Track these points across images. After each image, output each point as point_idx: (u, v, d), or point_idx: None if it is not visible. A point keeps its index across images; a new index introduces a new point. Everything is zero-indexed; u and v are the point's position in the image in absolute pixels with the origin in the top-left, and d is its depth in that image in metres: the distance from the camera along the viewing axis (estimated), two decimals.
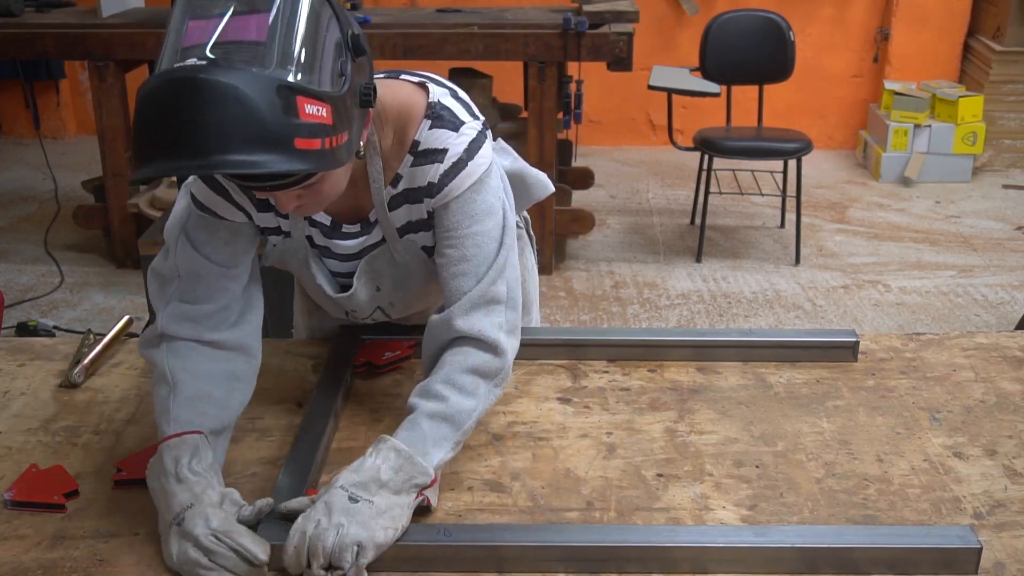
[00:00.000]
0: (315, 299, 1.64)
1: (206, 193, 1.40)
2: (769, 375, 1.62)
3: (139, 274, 3.18)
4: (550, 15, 4.26)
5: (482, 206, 1.40)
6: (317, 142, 1.14)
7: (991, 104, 5.52)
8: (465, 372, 1.35)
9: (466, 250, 1.39)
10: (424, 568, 1.20)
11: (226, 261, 1.43)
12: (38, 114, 6.03)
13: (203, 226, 1.42)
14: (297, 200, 1.26)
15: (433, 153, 1.38)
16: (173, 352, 1.39)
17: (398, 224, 1.45)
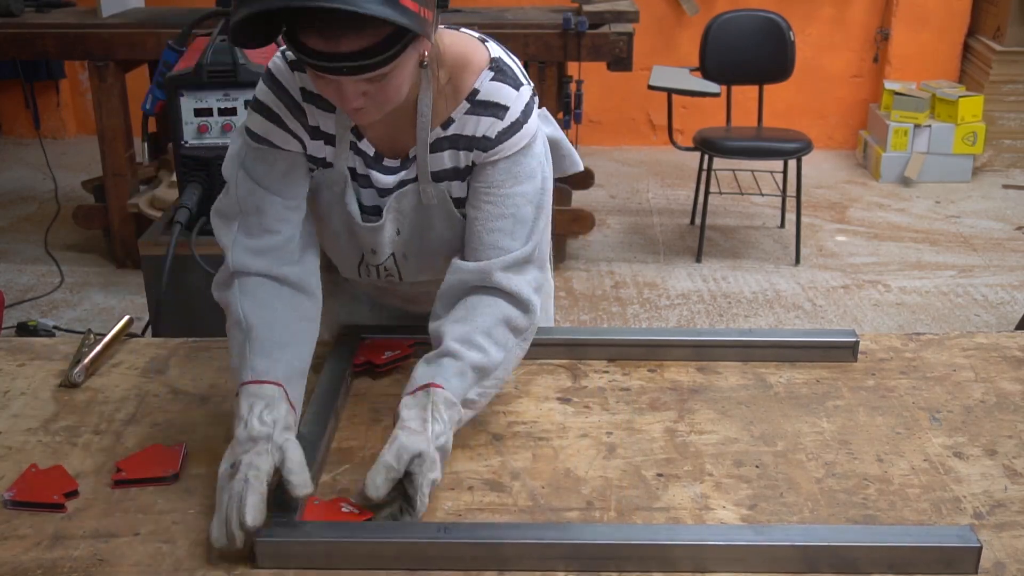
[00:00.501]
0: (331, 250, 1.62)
1: (262, 124, 1.45)
2: (769, 375, 1.62)
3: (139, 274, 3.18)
4: (550, 15, 4.26)
5: (527, 168, 1.44)
6: (415, 5, 1.20)
7: (991, 104, 5.52)
8: (499, 325, 1.41)
9: (506, 208, 1.43)
10: (424, 566, 1.20)
11: (285, 192, 1.47)
12: (38, 114, 6.03)
13: (261, 158, 1.46)
14: (362, 99, 1.30)
15: (493, 107, 1.42)
16: (245, 292, 1.44)
17: (436, 168, 1.46)
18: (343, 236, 1.56)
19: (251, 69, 2.31)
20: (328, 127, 1.46)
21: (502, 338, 1.41)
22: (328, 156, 1.48)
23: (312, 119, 1.45)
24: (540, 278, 1.47)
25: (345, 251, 1.60)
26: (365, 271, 1.61)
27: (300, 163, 1.48)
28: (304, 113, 1.45)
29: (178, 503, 1.31)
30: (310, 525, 1.22)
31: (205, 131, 2.33)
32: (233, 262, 1.46)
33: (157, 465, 1.37)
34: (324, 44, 1.21)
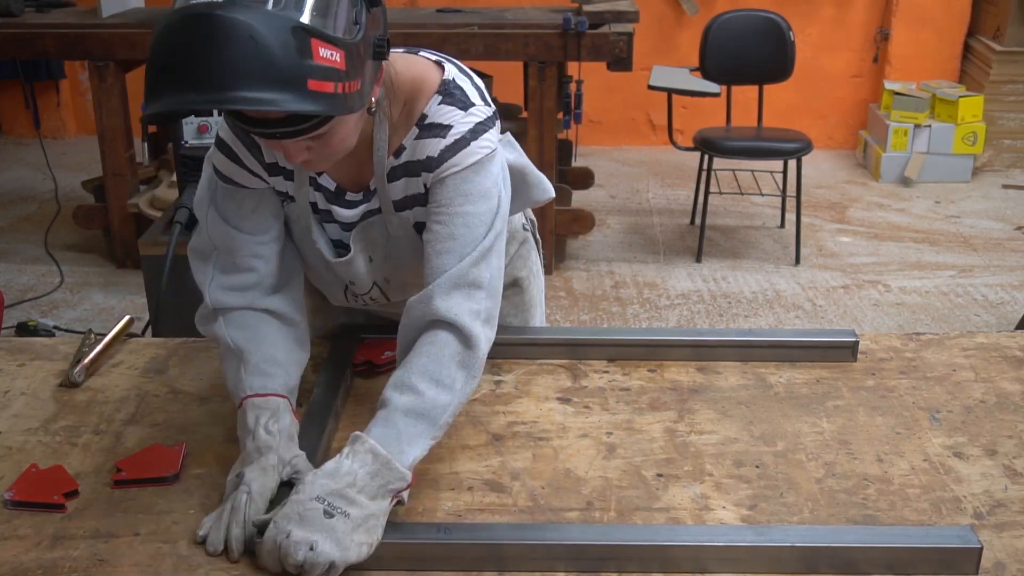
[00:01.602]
0: (316, 280, 1.62)
1: (225, 163, 1.44)
2: (769, 375, 1.62)
3: (139, 274, 3.18)
4: (550, 15, 4.26)
5: (478, 187, 1.38)
6: (330, 85, 1.15)
7: (991, 104, 5.52)
8: (441, 363, 1.32)
9: (455, 228, 1.37)
10: (424, 567, 1.20)
11: (256, 229, 1.46)
12: (38, 114, 6.03)
13: (229, 197, 1.46)
14: (307, 152, 1.27)
15: (438, 128, 1.38)
16: (231, 323, 1.45)
17: (395, 197, 1.44)
18: (321, 268, 1.56)
19: None
20: (286, 162, 1.43)
21: (445, 378, 1.31)
22: (290, 190, 1.47)
23: (268, 156, 1.43)
24: (491, 308, 1.38)
25: (327, 282, 1.60)
26: (353, 299, 1.61)
27: (268, 198, 1.47)
28: (259, 150, 1.43)
29: (178, 503, 1.31)
30: None
31: (205, 131, 2.33)
32: (212, 300, 1.46)
33: (157, 465, 1.37)
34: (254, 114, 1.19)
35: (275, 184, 1.47)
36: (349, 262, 1.50)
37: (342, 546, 1.16)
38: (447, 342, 1.33)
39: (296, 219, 1.50)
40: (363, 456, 1.22)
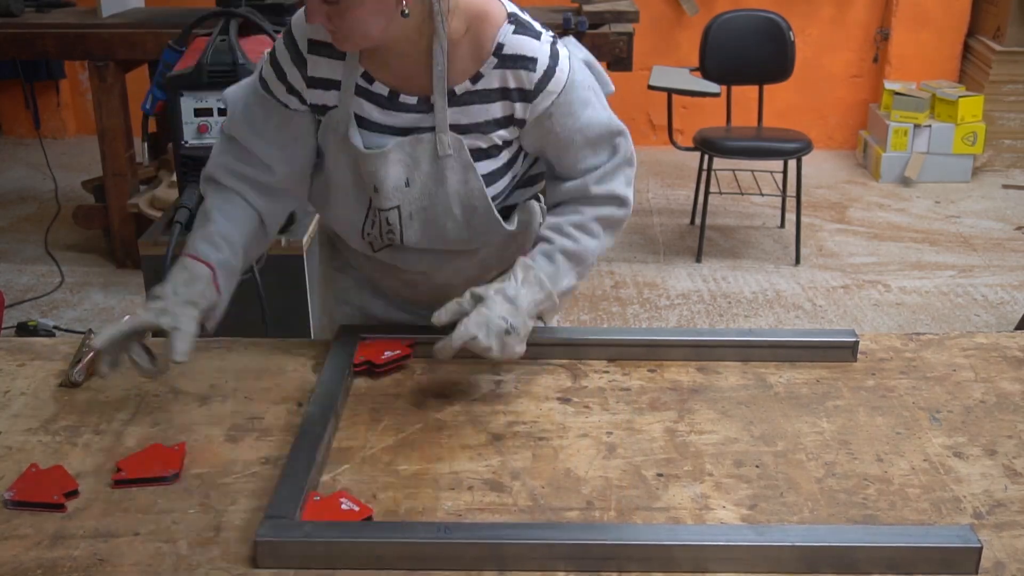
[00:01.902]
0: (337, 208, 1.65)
1: (269, 73, 1.57)
2: (769, 375, 1.62)
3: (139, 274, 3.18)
4: (550, 15, 4.27)
5: (580, 98, 1.53)
6: None
7: (991, 104, 5.52)
8: (593, 220, 1.57)
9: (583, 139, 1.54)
10: (424, 566, 1.20)
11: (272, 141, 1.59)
12: (38, 114, 6.03)
13: (261, 104, 1.59)
14: (325, 19, 1.40)
15: (522, 60, 1.49)
16: (220, 193, 1.61)
17: (463, 121, 1.52)
18: (348, 182, 1.59)
19: (251, 69, 2.30)
20: (334, 74, 1.53)
21: (595, 230, 1.57)
22: (330, 101, 1.55)
23: (313, 69, 1.54)
24: (630, 174, 1.61)
25: (351, 202, 1.61)
26: (370, 227, 1.62)
27: (295, 122, 1.58)
28: (305, 64, 1.54)
29: (178, 503, 1.31)
30: (310, 525, 1.22)
31: (205, 131, 2.33)
32: (211, 171, 1.62)
33: (157, 465, 1.37)
34: None
35: (314, 98, 1.56)
36: (382, 157, 1.53)
37: (506, 352, 1.48)
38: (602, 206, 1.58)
39: (335, 127, 1.56)
40: (533, 285, 1.50)
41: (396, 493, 1.33)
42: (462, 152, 1.52)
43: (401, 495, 1.33)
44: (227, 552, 1.22)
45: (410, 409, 1.52)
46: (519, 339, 1.48)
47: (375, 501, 1.31)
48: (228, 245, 1.57)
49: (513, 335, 1.47)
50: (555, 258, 1.54)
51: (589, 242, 1.56)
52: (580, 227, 1.56)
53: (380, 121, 1.54)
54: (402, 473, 1.37)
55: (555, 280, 1.53)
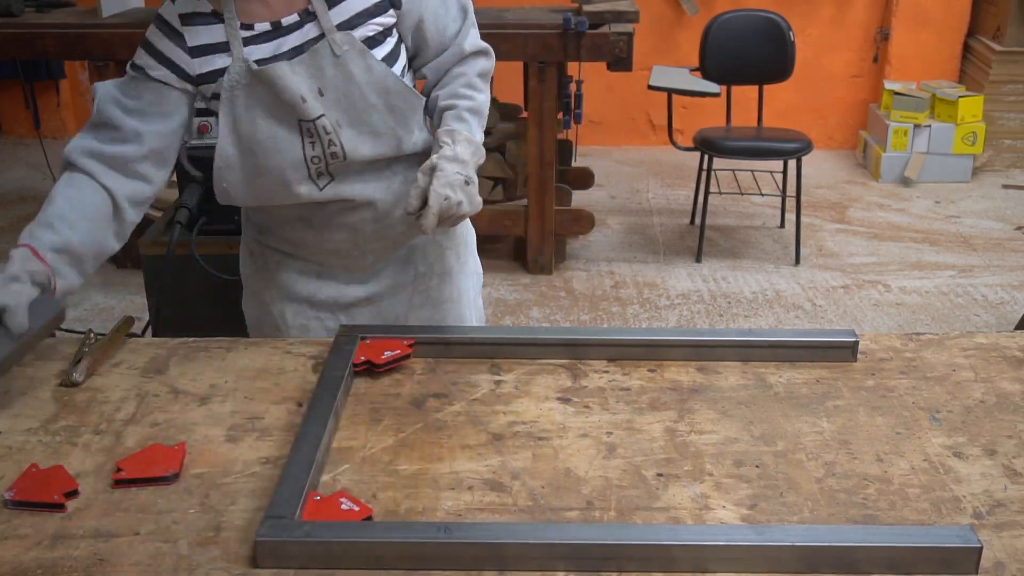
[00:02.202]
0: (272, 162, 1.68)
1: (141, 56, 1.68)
2: (769, 375, 1.62)
3: (139, 274, 3.18)
4: (550, 15, 4.27)
5: None
6: None
7: (991, 104, 5.53)
8: (476, 76, 1.76)
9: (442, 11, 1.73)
10: (424, 566, 1.20)
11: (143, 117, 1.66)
12: (38, 114, 6.03)
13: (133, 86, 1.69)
14: None
15: None
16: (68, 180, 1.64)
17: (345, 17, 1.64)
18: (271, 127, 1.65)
19: None
20: (215, 37, 1.63)
21: (480, 84, 1.76)
22: (221, 63, 1.64)
23: (192, 39, 1.64)
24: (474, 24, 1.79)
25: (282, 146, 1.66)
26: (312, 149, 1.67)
27: (170, 98, 1.67)
28: (183, 37, 1.64)
29: (178, 503, 1.31)
30: (310, 525, 1.22)
31: (205, 131, 2.32)
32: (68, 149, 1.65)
33: (157, 465, 1.37)
34: None
35: (202, 65, 1.64)
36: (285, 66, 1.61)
37: (473, 201, 1.62)
38: (474, 62, 1.76)
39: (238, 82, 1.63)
40: (464, 143, 1.65)
41: (396, 493, 1.33)
42: (355, 44, 1.64)
43: (401, 495, 1.33)
44: (227, 552, 1.22)
45: (410, 409, 1.52)
46: (477, 189, 1.63)
47: (375, 501, 1.31)
48: (66, 224, 1.59)
49: (472, 185, 1.62)
50: (464, 116, 1.70)
51: (480, 96, 1.75)
52: (470, 86, 1.74)
53: (274, 54, 1.64)
54: (402, 473, 1.37)
55: (473, 132, 1.69)
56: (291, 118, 1.65)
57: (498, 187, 4.40)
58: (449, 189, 1.58)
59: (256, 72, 1.62)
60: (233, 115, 1.65)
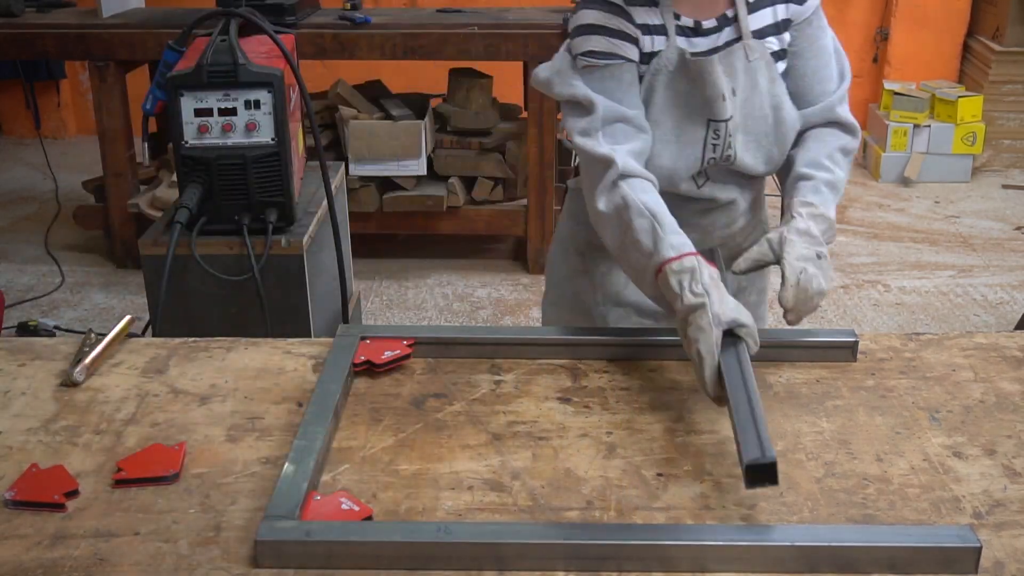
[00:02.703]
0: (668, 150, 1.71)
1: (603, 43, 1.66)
2: (769, 375, 1.62)
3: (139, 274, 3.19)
4: (550, 15, 4.27)
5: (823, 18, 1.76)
6: None
7: (990, 104, 5.52)
8: (837, 150, 1.73)
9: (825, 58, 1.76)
10: (424, 566, 1.20)
11: (634, 103, 1.67)
12: (38, 114, 6.04)
13: (609, 75, 1.67)
14: None
15: None
16: (635, 188, 1.61)
17: (758, 26, 1.69)
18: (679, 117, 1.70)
19: (251, 69, 2.31)
20: (653, 19, 1.67)
21: (841, 161, 1.73)
22: (658, 46, 1.67)
23: (638, 17, 1.66)
24: None
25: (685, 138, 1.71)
26: (711, 151, 1.72)
27: (635, 74, 1.67)
28: (632, 16, 1.66)
29: (178, 503, 1.31)
30: (310, 525, 1.23)
31: (205, 131, 2.33)
32: (623, 165, 1.61)
33: (157, 465, 1.37)
34: None
35: (647, 45, 1.67)
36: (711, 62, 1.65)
37: (828, 278, 1.58)
38: (840, 135, 1.76)
39: (665, 66, 1.68)
40: (818, 219, 1.63)
41: (396, 493, 1.33)
42: (765, 53, 1.69)
43: (401, 495, 1.33)
44: (227, 552, 1.22)
45: (410, 409, 1.53)
46: (829, 264, 1.60)
47: (375, 501, 1.31)
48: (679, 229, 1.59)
49: (824, 260, 1.59)
50: (821, 190, 1.67)
51: (839, 172, 1.72)
52: (831, 158, 1.72)
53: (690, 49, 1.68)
54: (402, 473, 1.37)
55: (828, 208, 1.66)
56: (702, 115, 1.69)
57: (498, 187, 4.40)
58: (804, 262, 1.56)
59: (689, 61, 1.66)
60: (647, 99, 1.69)
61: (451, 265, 4.49)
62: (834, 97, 1.75)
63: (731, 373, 1.41)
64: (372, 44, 4.05)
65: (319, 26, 4.11)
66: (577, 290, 1.95)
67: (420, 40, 4.02)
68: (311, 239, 2.50)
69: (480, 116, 4.32)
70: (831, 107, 1.75)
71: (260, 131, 2.34)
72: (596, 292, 1.92)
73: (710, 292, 1.47)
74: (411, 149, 4.18)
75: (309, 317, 2.48)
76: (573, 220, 1.94)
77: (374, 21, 4.15)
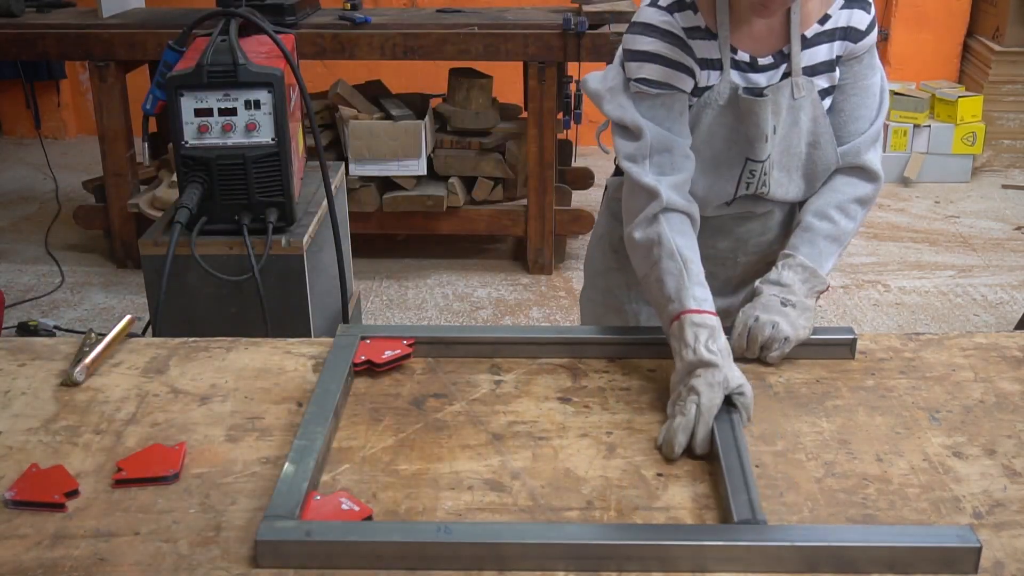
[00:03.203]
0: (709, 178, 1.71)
1: (659, 71, 1.63)
2: (768, 375, 1.62)
3: (139, 274, 3.19)
4: (550, 15, 4.27)
5: (876, 60, 1.73)
6: None
7: (990, 104, 5.52)
8: (851, 201, 1.71)
9: (867, 98, 1.70)
10: (425, 566, 1.20)
11: (683, 132, 1.66)
12: (39, 114, 6.03)
13: (661, 104, 1.65)
14: None
15: (862, 1, 1.68)
16: (673, 227, 1.60)
17: (811, 62, 1.67)
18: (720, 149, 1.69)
19: (251, 69, 2.31)
20: (712, 53, 1.64)
21: (853, 211, 1.71)
22: (712, 80, 1.66)
23: (698, 52, 1.64)
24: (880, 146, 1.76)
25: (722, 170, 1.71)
26: (744, 188, 1.73)
27: (686, 104, 1.66)
28: (692, 49, 1.63)
29: (178, 503, 1.31)
30: (310, 525, 1.23)
31: (205, 131, 2.33)
32: (667, 199, 1.60)
33: (157, 465, 1.37)
34: None
35: (703, 79, 1.66)
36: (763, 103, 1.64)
37: (794, 326, 1.58)
38: (860, 184, 1.72)
39: (715, 100, 1.67)
40: (796, 268, 1.64)
41: (396, 493, 1.33)
42: (812, 92, 1.67)
43: (401, 495, 1.33)
44: (227, 552, 1.22)
45: (410, 409, 1.53)
46: (801, 313, 1.60)
47: (375, 501, 1.31)
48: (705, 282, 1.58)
49: (791, 308, 1.60)
50: (815, 243, 1.68)
51: (847, 223, 1.70)
52: (840, 209, 1.70)
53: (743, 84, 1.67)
54: (402, 473, 1.37)
55: (818, 261, 1.66)
56: (741, 153, 1.70)
57: (498, 187, 4.40)
58: (760, 310, 1.59)
59: (741, 98, 1.65)
60: (691, 128, 1.68)
61: (451, 265, 4.49)
62: (863, 140, 1.72)
63: (724, 434, 1.39)
64: (372, 44, 4.05)
65: (319, 26, 4.11)
66: (611, 285, 1.96)
67: (420, 40, 4.02)
68: (311, 239, 2.50)
69: (480, 116, 4.32)
70: (858, 151, 1.72)
71: (260, 131, 2.34)
72: (630, 289, 1.93)
73: (724, 356, 1.46)
74: (411, 149, 4.18)
75: (309, 317, 2.48)
76: (610, 216, 1.96)
77: (374, 21, 4.15)
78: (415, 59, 4.11)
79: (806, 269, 1.64)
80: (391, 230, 4.46)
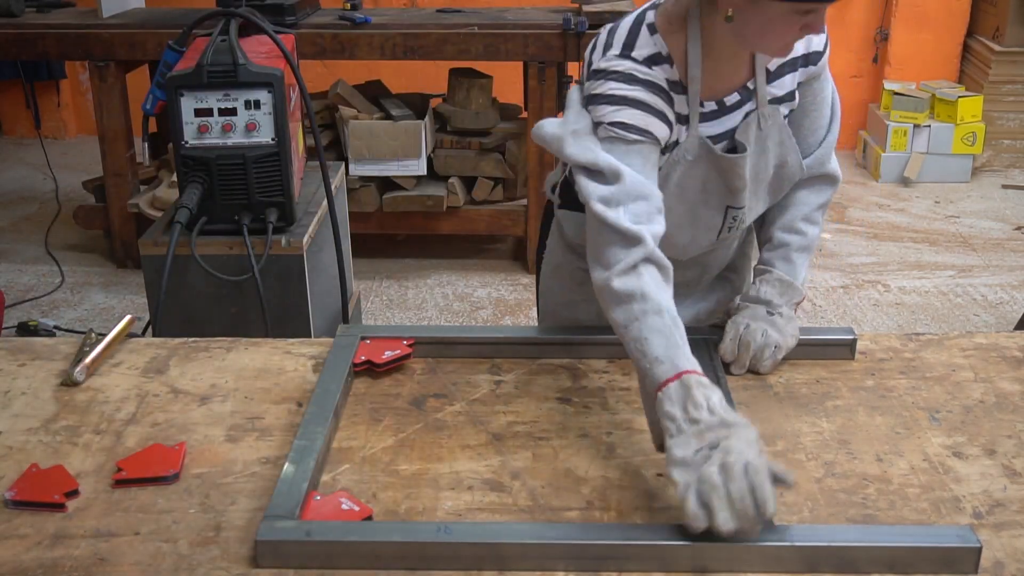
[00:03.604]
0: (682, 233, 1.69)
1: (641, 118, 1.53)
2: (769, 375, 1.62)
3: (139, 274, 3.18)
4: (550, 15, 4.27)
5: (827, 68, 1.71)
6: None
7: (990, 104, 5.52)
8: (815, 209, 1.74)
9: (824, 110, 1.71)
10: (425, 566, 1.20)
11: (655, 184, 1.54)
12: (39, 114, 6.03)
13: (638, 151, 1.53)
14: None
15: None
16: (656, 281, 1.45)
17: (778, 93, 1.65)
18: (694, 201, 1.66)
19: (251, 69, 2.31)
20: (683, 108, 1.59)
21: (818, 218, 1.75)
22: (680, 136, 1.61)
23: (677, 106, 1.58)
24: None
25: (706, 218, 1.69)
26: (726, 232, 1.73)
27: (658, 157, 1.58)
28: (673, 102, 1.57)
29: (178, 503, 1.31)
30: (310, 525, 1.23)
31: (205, 131, 2.33)
32: (651, 248, 1.46)
33: (157, 465, 1.37)
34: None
35: (676, 134, 1.60)
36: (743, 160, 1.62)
37: (783, 333, 1.63)
38: (823, 189, 1.75)
39: (682, 157, 1.61)
40: (774, 283, 1.68)
41: (396, 493, 1.33)
42: (778, 119, 1.65)
43: (401, 495, 1.33)
44: (227, 552, 1.22)
45: (410, 409, 1.53)
46: (787, 321, 1.65)
47: (375, 501, 1.31)
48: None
49: (777, 316, 1.64)
50: (791, 258, 1.71)
51: (814, 230, 1.74)
52: (807, 219, 1.74)
53: (712, 133, 1.62)
54: (402, 473, 1.37)
55: (793, 274, 1.70)
56: (721, 202, 1.68)
57: (498, 187, 4.40)
58: (750, 318, 1.64)
59: (721, 157, 1.61)
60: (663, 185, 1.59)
61: (451, 265, 4.49)
62: (824, 149, 1.72)
63: None
64: (372, 44, 4.05)
65: (319, 26, 4.10)
66: (578, 316, 1.85)
67: (420, 40, 4.02)
68: (311, 239, 2.50)
69: (480, 116, 4.32)
70: (822, 161, 1.73)
71: (260, 131, 2.34)
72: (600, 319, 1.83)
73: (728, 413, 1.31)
74: (411, 149, 4.18)
75: (309, 317, 2.48)
76: (565, 248, 1.83)
77: (374, 21, 4.15)
78: (415, 59, 4.11)
79: (783, 283, 1.68)
80: (391, 230, 4.45)
